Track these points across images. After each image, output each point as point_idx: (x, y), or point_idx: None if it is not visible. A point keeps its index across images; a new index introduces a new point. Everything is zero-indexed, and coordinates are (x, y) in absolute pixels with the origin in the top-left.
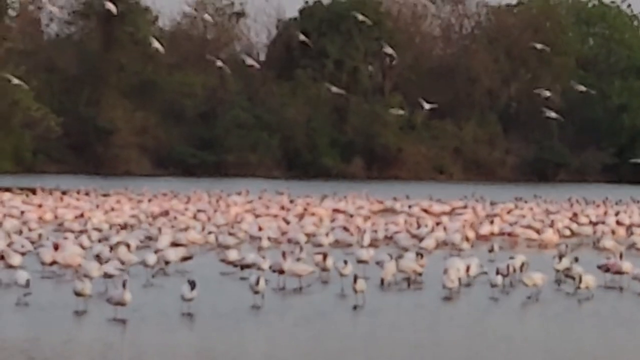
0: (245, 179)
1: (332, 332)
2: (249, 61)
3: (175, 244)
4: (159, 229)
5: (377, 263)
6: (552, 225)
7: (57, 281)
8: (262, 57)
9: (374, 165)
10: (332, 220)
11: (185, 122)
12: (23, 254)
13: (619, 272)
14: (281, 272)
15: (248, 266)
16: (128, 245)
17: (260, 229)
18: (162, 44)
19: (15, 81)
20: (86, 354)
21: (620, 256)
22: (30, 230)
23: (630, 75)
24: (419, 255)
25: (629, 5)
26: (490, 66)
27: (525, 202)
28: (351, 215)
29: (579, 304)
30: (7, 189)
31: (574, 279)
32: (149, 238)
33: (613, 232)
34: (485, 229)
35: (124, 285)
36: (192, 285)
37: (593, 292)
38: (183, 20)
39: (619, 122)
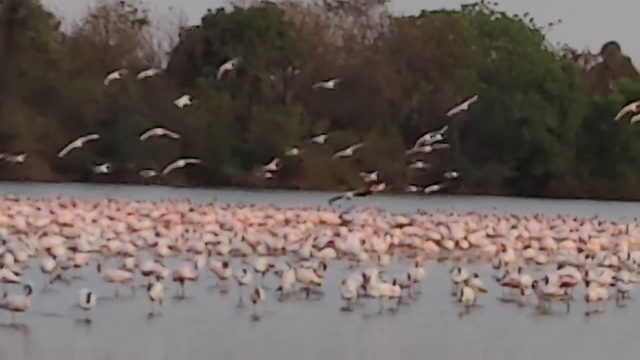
0: (145, 186)
1: (229, 340)
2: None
3: (74, 250)
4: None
5: (276, 273)
6: (452, 238)
7: None
8: (164, 65)
9: (275, 174)
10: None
11: (85, 129)
12: None
13: (517, 286)
14: (181, 280)
15: (146, 274)
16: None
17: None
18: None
19: None
20: None
21: (519, 270)
22: None
23: (531, 89)
24: (321, 265)
25: (532, 20)
26: (392, 78)
27: (426, 214)
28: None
29: (472, 315)
30: None
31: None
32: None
33: (513, 246)
34: (385, 240)
35: (28, 292)
36: (88, 297)
37: (473, 304)
38: (85, 26)
39: (519, 135)
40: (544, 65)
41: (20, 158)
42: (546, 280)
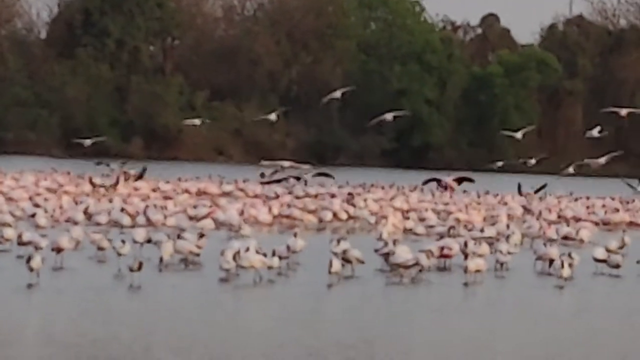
0: (24, 156)
1: (108, 310)
2: None
3: None
4: None
5: (155, 243)
6: (330, 209)
7: None
8: (43, 35)
9: (154, 145)
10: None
11: None
12: None
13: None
14: (59, 250)
15: (25, 244)
16: None
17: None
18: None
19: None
20: None
21: (394, 242)
22: None
23: (410, 61)
24: (199, 235)
25: None
26: (272, 48)
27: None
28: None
29: (348, 286)
30: None
31: (350, 262)
32: None
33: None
34: (264, 211)
35: None
36: None
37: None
38: None
39: (398, 106)
40: (423, 37)
41: None
42: (427, 252)
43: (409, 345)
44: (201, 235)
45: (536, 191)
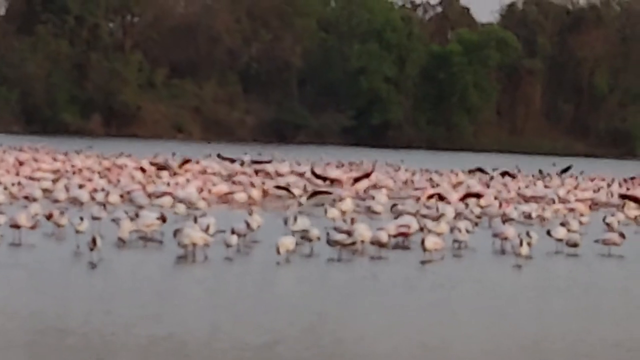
0: None
1: (66, 287)
2: None
3: None
4: None
5: (113, 220)
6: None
7: None
8: (2, 11)
9: (113, 122)
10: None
11: None
12: None
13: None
14: (17, 227)
15: None
16: None
17: None
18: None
19: None
20: None
21: (352, 221)
22: None
23: (370, 39)
24: (159, 214)
25: None
26: (231, 26)
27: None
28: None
29: (298, 265)
30: None
31: (310, 240)
32: None
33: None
34: (222, 188)
35: None
36: None
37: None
38: None
39: (357, 84)
40: (384, 15)
41: None
42: (383, 229)
43: (365, 323)
44: (162, 215)
45: (562, 172)
